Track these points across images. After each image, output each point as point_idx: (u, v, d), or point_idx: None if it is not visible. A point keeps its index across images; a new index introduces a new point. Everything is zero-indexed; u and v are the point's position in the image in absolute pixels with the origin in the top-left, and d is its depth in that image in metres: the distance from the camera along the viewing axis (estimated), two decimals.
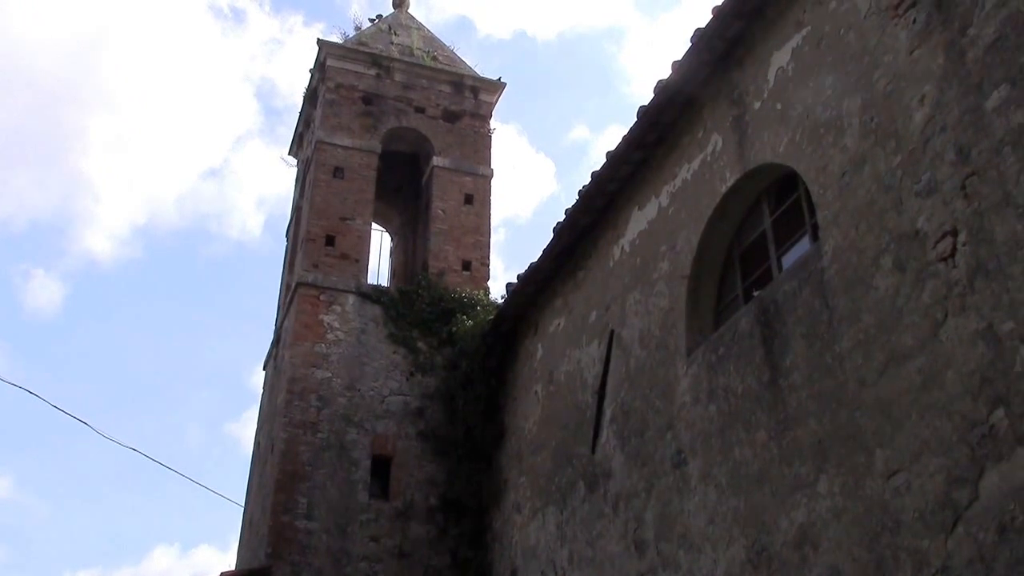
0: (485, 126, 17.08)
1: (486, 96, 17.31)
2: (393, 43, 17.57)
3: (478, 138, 16.89)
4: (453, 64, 17.67)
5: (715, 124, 9.33)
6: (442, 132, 16.68)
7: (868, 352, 6.77)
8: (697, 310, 9.31)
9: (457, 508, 13.44)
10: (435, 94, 17.00)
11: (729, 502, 8.01)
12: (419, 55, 17.44)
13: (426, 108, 16.80)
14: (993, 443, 5.61)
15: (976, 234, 6.03)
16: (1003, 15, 6.08)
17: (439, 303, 14.80)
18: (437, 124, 16.74)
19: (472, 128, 16.95)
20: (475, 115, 17.08)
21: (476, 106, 17.17)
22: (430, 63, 17.32)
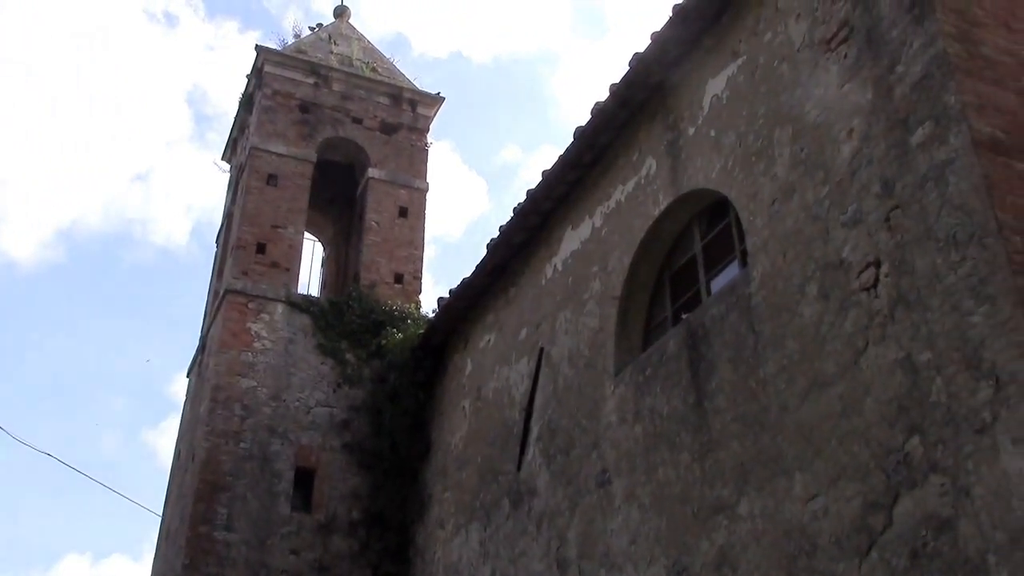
0: (422, 140, 17.07)
1: (424, 110, 17.31)
2: (332, 52, 17.49)
3: (415, 151, 16.86)
4: (392, 76, 17.64)
5: (650, 148, 9.45)
6: (379, 144, 16.63)
7: (791, 377, 6.89)
8: (626, 331, 9.40)
9: (380, 522, 13.34)
10: (373, 105, 16.95)
11: (652, 522, 8.07)
12: (358, 66, 17.38)
13: (363, 119, 16.73)
14: (908, 470, 5.75)
15: (898, 266, 6.19)
16: (930, 54, 6.28)
17: (369, 315, 14.71)
18: (374, 136, 16.68)
19: (409, 141, 16.92)
20: (412, 128, 17.07)
21: (414, 119, 17.16)
22: (369, 74, 17.27)
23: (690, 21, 8.74)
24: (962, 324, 5.60)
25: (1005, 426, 5.19)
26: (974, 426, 5.37)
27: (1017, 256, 5.46)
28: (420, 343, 13.67)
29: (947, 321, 5.71)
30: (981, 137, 5.87)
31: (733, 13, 8.53)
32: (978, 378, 5.42)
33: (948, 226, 5.84)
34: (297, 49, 17.11)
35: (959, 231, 5.76)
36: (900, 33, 6.56)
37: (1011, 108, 6.16)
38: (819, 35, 7.40)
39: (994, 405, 5.28)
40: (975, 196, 5.71)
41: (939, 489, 5.51)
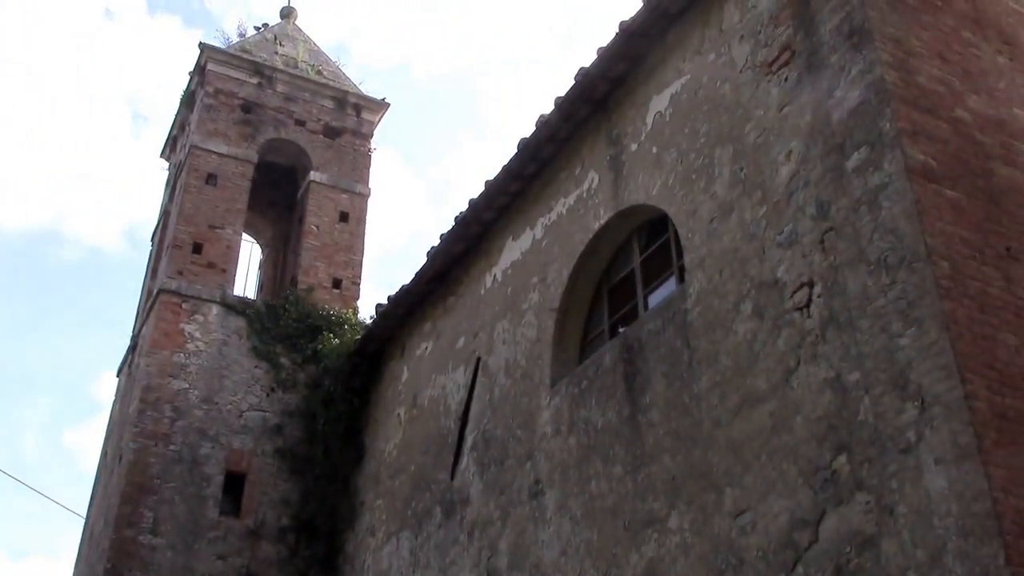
0: (366, 145, 16.99)
1: (369, 115, 17.24)
2: (278, 53, 17.34)
3: (358, 156, 16.78)
4: (338, 80, 17.55)
5: (593, 162, 9.52)
6: (321, 147, 16.51)
7: (724, 394, 6.98)
8: (563, 343, 9.44)
9: (310, 529, 13.20)
10: (317, 108, 16.83)
11: (583, 534, 8.11)
12: (304, 68, 17.26)
13: (307, 121, 16.61)
14: (835, 487, 5.86)
15: (831, 287, 6.31)
16: (867, 81, 6.42)
17: (306, 319, 14.58)
18: (317, 139, 16.56)
19: (352, 146, 16.83)
20: (356, 133, 16.98)
21: (358, 124, 17.08)
22: (314, 77, 17.15)
23: (635, 38, 8.83)
24: (890, 346, 5.73)
25: (929, 446, 5.31)
26: (899, 445, 5.49)
27: (944, 281, 5.60)
28: (357, 349, 13.59)
29: (876, 342, 5.83)
30: (914, 164, 6.02)
31: (678, 32, 8.64)
32: (904, 399, 5.54)
33: (880, 249, 5.97)
34: (242, 48, 16.94)
35: (890, 255, 5.89)
36: (839, 59, 6.70)
37: (943, 137, 6.33)
38: (761, 57, 7.52)
39: (919, 426, 5.41)
40: (906, 221, 5.85)
41: (864, 507, 5.62)
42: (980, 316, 5.61)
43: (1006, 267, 5.98)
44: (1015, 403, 5.38)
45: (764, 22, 7.60)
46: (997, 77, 7.09)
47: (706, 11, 8.34)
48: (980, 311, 5.64)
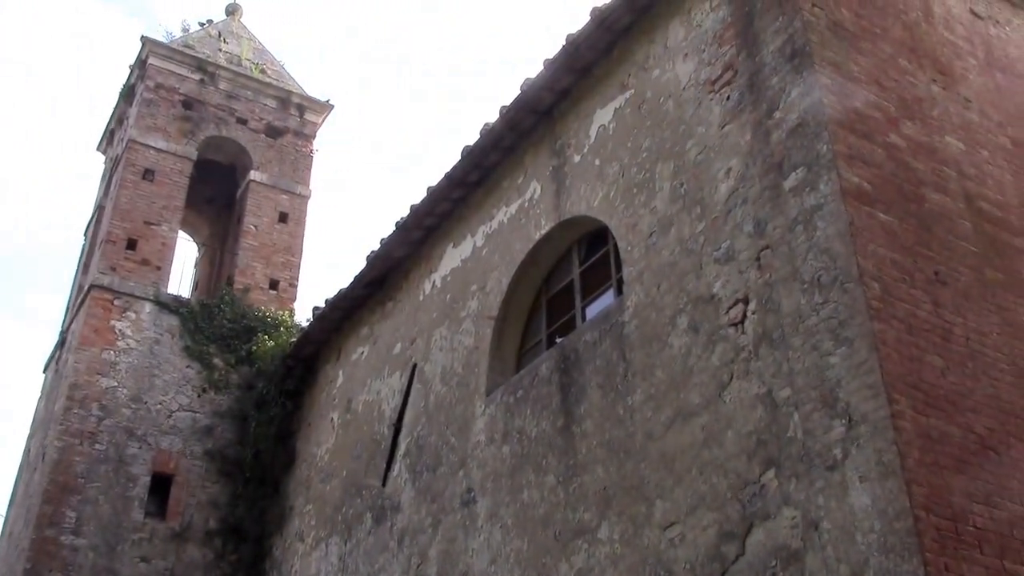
0: (308, 146, 16.86)
1: (312, 116, 17.11)
2: (221, 50, 17.14)
3: (299, 157, 16.64)
4: (282, 80, 17.39)
5: (536, 172, 9.56)
6: (263, 147, 16.35)
7: (658, 406, 7.04)
8: (500, 351, 9.45)
9: (237, 533, 13.02)
10: (260, 107, 16.67)
11: (513, 543, 8.11)
12: (247, 66, 17.08)
13: (249, 120, 16.44)
14: (762, 502, 5.94)
15: (765, 304, 6.40)
16: (806, 103, 6.54)
17: (241, 320, 14.41)
18: (258, 138, 16.40)
19: (294, 146, 16.69)
20: (299, 133, 16.85)
21: (301, 124, 16.95)
22: (258, 75, 16.98)
23: (582, 51, 8.89)
24: (821, 364, 5.83)
25: (854, 464, 5.41)
26: (826, 462, 5.59)
27: (875, 302, 5.72)
28: (292, 352, 13.45)
29: (807, 360, 5.93)
30: (849, 186, 6.14)
31: (624, 47, 8.72)
32: (832, 416, 5.64)
33: (814, 269, 6.08)
34: (184, 44, 16.70)
35: (823, 274, 6.00)
36: (780, 81, 6.82)
37: (878, 161, 6.47)
38: (705, 76, 7.62)
39: (845, 443, 5.50)
40: (840, 242, 5.96)
41: (790, 522, 5.71)
42: (908, 337, 5.74)
43: (934, 291, 6.13)
44: (939, 423, 5.50)
45: (708, 41, 7.71)
46: (931, 105, 7.27)
47: (652, 28, 8.44)
48: (908, 333, 5.76)
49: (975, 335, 6.14)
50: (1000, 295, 6.55)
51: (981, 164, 7.31)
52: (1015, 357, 6.28)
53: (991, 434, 5.73)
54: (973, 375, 5.92)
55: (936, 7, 8.11)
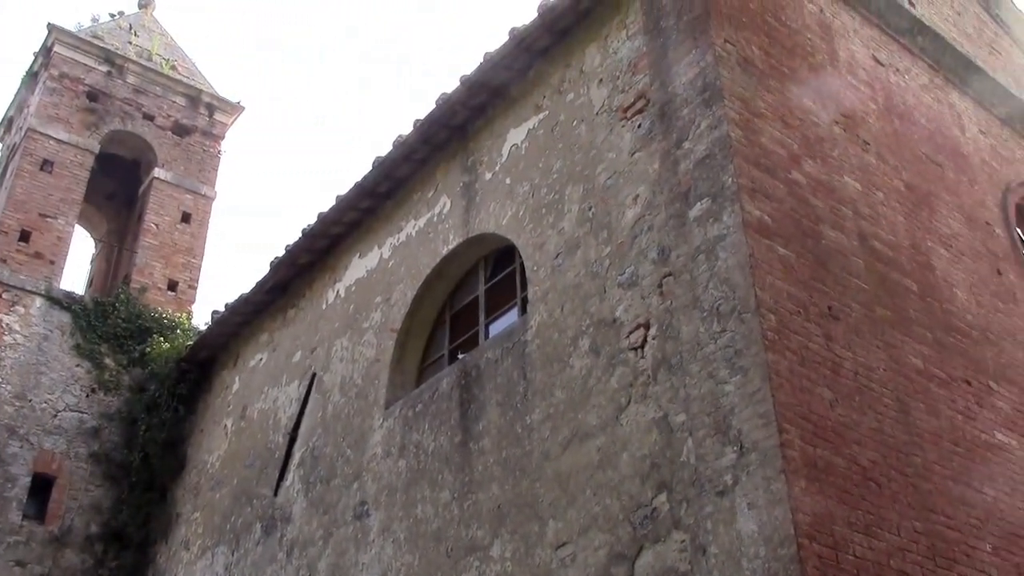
0: (216, 146, 16.56)
1: (222, 116, 16.82)
2: (131, 43, 16.74)
3: (206, 157, 16.32)
4: (192, 77, 17.05)
5: (446, 187, 9.56)
6: (169, 144, 15.99)
7: (556, 426, 7.09)
8: (402, 365, 9.40)
9: (120, 539, 12.62)
10: (168, 104, 16.31)
11: (404, 558, 8.05)
12: (157, 61, 16.71)
13: (156, 116, 16.07)
14: (653, 525, 6.02)
15: (665, 330, 6.51)
16: (714, 136, 6.70)
17: (136, 320, 14.02)
18: (165, 135, 16.03)
19: (202, 146, 16.37)
20: (207, 133, 16.53)
21: (210, 124, 16.63)
22: (168, 71, 16.62)
23: (499, 70, 8.95)
24: (716, 391, 5.95)
25: (744, 490, 5.53)
26: (716, 488, 5.70)
27: (770, 333, 5.87)
28: (187, 355, 13.14)
29: (703, 387, 6.05)
30: (751, 219, 6.30)
31: (540, 69, 8.81)
32: (725, 443, 5.76)
33: (713, 298, 6.21)
34: (93, 34, 16.26)
35: (723, 304, 6.13)
36: (690, 112, 6.97)
37: (780, 196, 6.66)
38: (618, 102, 7.75)
39: (736, 470, 5.63)
40: (740, 273, 6.11)
41: (679, 545, 5.80)
42: (800, 369, 5.90)
43: (827, 325, 6.32)
44: (825, 454, 5.67)
45: (623, 69, 7.84)
46: (832, 145, 7.52)
47: (569, 52, 8.54)
48: (800, 364, 5.93)
49: (863, 370, 6.35)
50: (888, 332, 6.80)
51: (876, 205, 7.58)
52: (899, 393, 6.51)
53: (874, 466, 5.92)
54: (859, 408, 6.11)
55: (842, 52, 8.40)
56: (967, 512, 6.37)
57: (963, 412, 6.98)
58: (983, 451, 6.91)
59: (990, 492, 6.69)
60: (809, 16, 8.28)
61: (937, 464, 6.41)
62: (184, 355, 13.19)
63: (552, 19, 8.46)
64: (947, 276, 7.85)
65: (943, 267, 7.87)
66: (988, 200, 9.10)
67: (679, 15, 7.43)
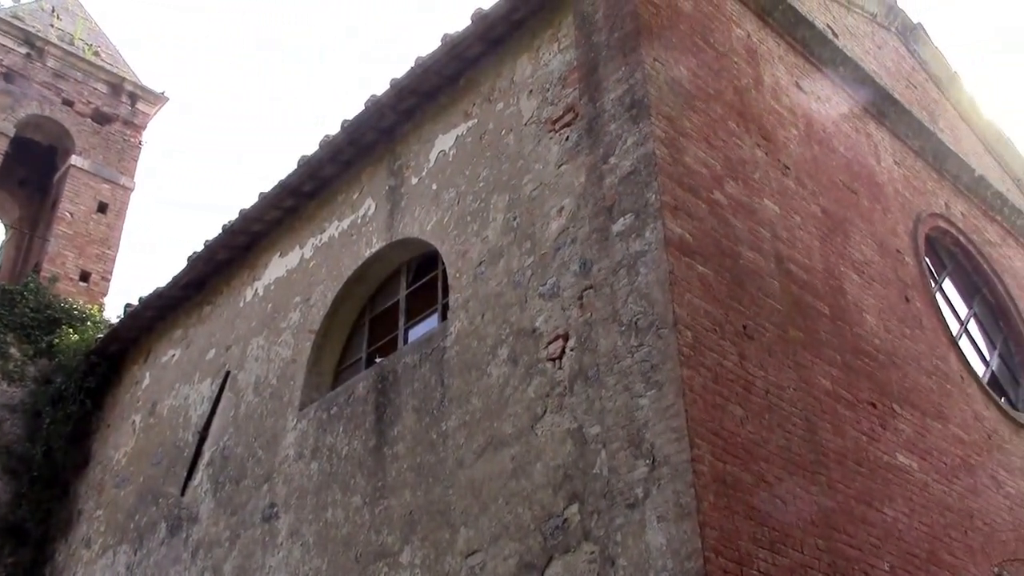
0: (137, 136, 16.21)
1: (145, 106, 16.47)
2: (54, 26, 16.30)
3: (126, 147, 15.97)
4: (116, 65, 16.67)
5: (372, 189, 9.51)
6: (88, 132, 15.60)
7: (471, 434, 7.09)
8: (318, 367, 9.30)
9: (17, 534, 12.22)
10: (89, 91, 15.92)
11: (312, 562, 7.96)
12: (80, 46, 16.30)
13: (75, 103, 15.67)
14: (564, 535, 6.06)
15: (583, 342, 6.57)
16: (640, 152, 6.78)
17: (45, 310, 13.62)
18: (84, 122, 15.64)
19: (122, 135, 16.01)
20: (128, 123, 16.17)
21: (132, 114, 16.27)
22: (90, 57, 16.22)
23: (430, 75, 8.94)
24: (631, 405, 6.02)
25: (654, 504, 5.61)
26: (627, 500, 5.76)
27: (686, 349, 5.96)
28: (97, 348, 12.81)
29: (618, 400, 6.11)
30: (673, 236, 6.39)
31: (471, 76, 8.83)
32: (637, 456, 5.83)
33: (632, 312, 6.29)
34: (13, 14, 15.79)
35: (641, 319, 6.21)
36: (617, 128, 7.05)
37: (701, 215, 6.77)
38: (547, 114, 7.80)
39: (647, 483, 5.69)
40: (659, 289, 6.19)
41: (588, 556, 5.84)
42: (713, 386, 6.01)
43: (741, 344, 6.44)
44: (734, 470, 5.77)
45: (554, 81, 7.90)
46: (753, 167, 7.68)
47: (500, 61, 8.57)
48: (714, 381, 6.03)
49: (774, 389, 6.49)
50: (800, 353, 6.96)
51: (793, 228, 7.76)
52: (808, 413, 6.67)
53: (780, 483, 6.05)
54: (769, 426, 6.24)
55: (766, 76, 8.59)
56: (867, 531, 6.55)
57: (867, 433, 7.18)
58: (885, 472, 7.11)
59: (890, 512, 6.89)
60: (737, 40, 8.45)
61: (841, 483, 6.58)
62: (94, 348, 12.86)
63: (485, 28, 8.49)
64: (858, 301, 8.07)
65: (854, 292, 8.09)
66: (900, 229, 9.39)
67: (611, 31, 7.52)
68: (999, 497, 8.30)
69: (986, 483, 8.26)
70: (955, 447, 8.15)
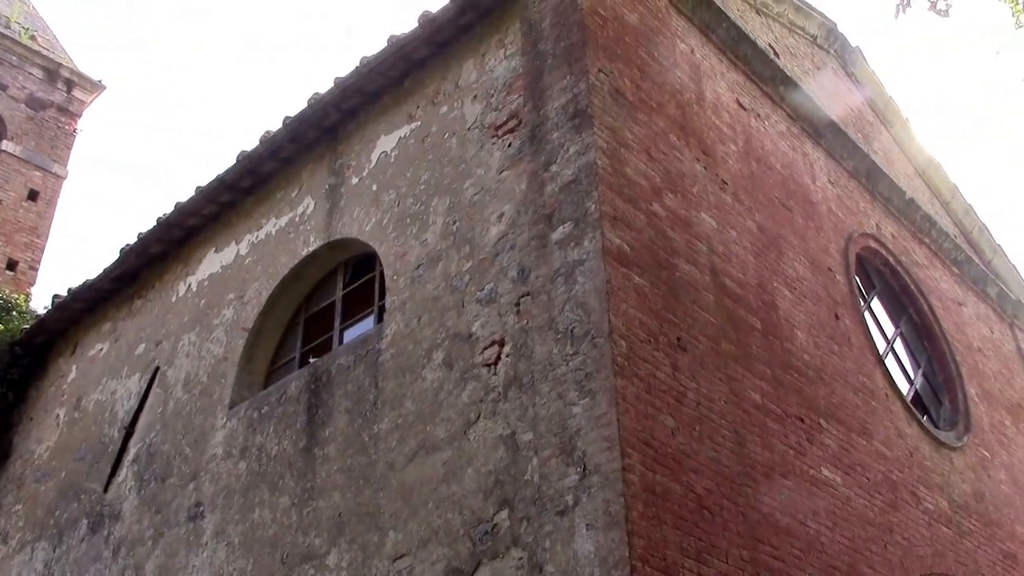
0: (72, 124, 15.90)
1: (81, 94, 16.17)
2: None
3: (60, 134, 15.65)
4: (53, 50, 16.33)
5: (311, 188, 9.43)
6: (21, 117, 15.26)
7: (403, 437, 7.06)
8: (251, 365, 9.19)
9: None
10: (24, 75, 15.58)
11: (237, 563, 7.86)
12: (16, 29, 15.93)
13: (9, 87, 15.33)
14: (493, 541, 6.06)
15: (519, 348, 6.58)
16: (581, 162, 6.83)
17: None
18: (17, 107, 15.30)
19: (57, 122, 15.69)
20: (64, 110, 15.86)
21: (67, 101, 15.96)
22: (26, 41, 15.88)
23: (375, 75, 8.90)
24: (564, 412, 6.05)
25: (583, 511, 5.64)
26: (557, 507, 5.79)
27: (620, 359, 6.01)
28: (22, 339, 12.49)
29: (552, 407, 6.14)
30: (611, 246, 6.44)
31: (416, 78, 8.81)
32: (569, 464, 5.85)
33: (568, 321, 6.32)
34: None
35: (577, 327, 6.25)
36: (560, 137, 7.09)
37: (640, 226, 6.84)
38: (490, 120, 7.81)
39: (577, 491, 5.73)
40: (596, 298, 6.24)
41: (516, 562, 5.86)
42: (646, 396, 6.06)
43: (674, 355, 6.51)
44: (664, 480, 5.83)
45: (498, 88, 7.92)
46: (692, 181, 7.77)
47: (446, 65, 8.57)
48: (647, 392, 6.09)
49: (705, 401, 6.57)
50: (731, 366, 7.05)
51: (729, 243, 7.88)
52: (737, 425, 6.76)
53: (708, 495, 6.13)
54: (699, 438, 6.32)
55: (708, 92, 8.71)
56: (791, 543, 6.66)
57: (794, 447, 7.30)
58: (809, 485, 7.24)
59: (813, 525, 7.01)
60: (680, 55, 8.55)
61: (767, 496, 6.69)
62: (19, 338, 12.54)
63: (432, 30, 8.48)
64: (789, 316, 8.21)
65: (786, 308, 8.23)
66: (832, 247, 9.58)
67: (557, 40, 7.56)
68: (918, 512, 8.50)
69: (906, 499, 8.46)
70: (878, 463, 8.33)
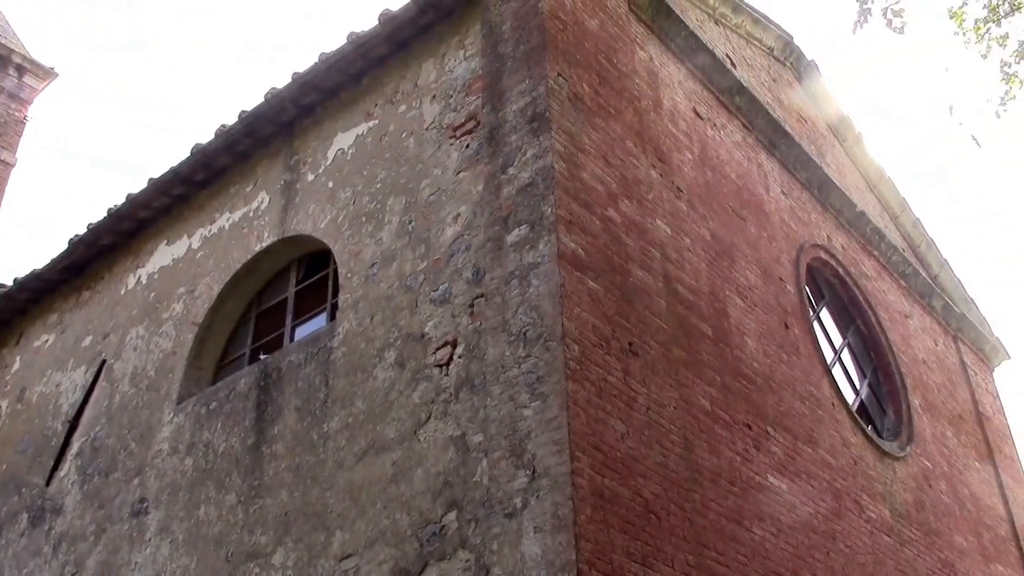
0: (22, 111, 15.62)
1: (32, 80, 15.89)
2: None
3: (10, 121, 15.38)
4: (4, 36, 16.04)
5: (266, 183, 9.36)
6: None
7: (353, 436, 7.03)
8: (199, 360, 9.09)
9: None
10: None
11: (181, 560, 7.77)
12: None
13: None
14: (440, 542, 6.06)
15: (472, 350, 6.59)
16: (538, 165, 6.85)
17: None
18: None
19: (6, 109, 15.40)
20: (14, 96, 15.58)
21: (18, 87, 15.68)
22: None
23: (333, 72, 8.85)
24: (515, 415, 6.06)
25: (531, 514, 5.65)
26: (506, 510, 5.80)
27: (572, 363, 6.04)
28: None
29: (503, 409, 6.14)
30: (566, 250, 6.47)
31: (375, 76, 8.77)
32: (518, 467, 5.87)
33: (522, 323, 6.33)
34: None
35: (530, 330, 6.26)
36: (518, 139, 7.11)
37: (595, 231, 6.87)
38: (448, 120, 7.81)
39: (526, 493, 5.74)
40: (550, 302, 6.26)
41: (463, 564, 5.86)
42: (597, 400, 6.09)
43: (626, 360, 6.55)
44: (612, 484, 5.86)
45: (457, 88, 7.91)
46: (647, 188, 7.83)
47: (405, 64, 8.55)
48: (598, 396, 6.12)
49: (655, 406, 6.62)
50: (682, 373, 7.11)
51: (683, 250, 7.94)
52: (686, 431, 6.82)
53: (656, 499, 6.17)
54: (648, 443, 6.36)
55: (665, 100, 8.78)
56: (736, 549, 6.73)
57: (741, 454, 7.38)
58: (755, 492, 7.33)
59: (758, 531, 7.09)
60: (639, 62, 8.61)
61: (714, 502, 6.75)
62: None
63: (392, 29, 8.45)
64: (740, 324, 8.30)
65: (737, 316, 8.32)
66: (783, 257, 9.70)
67: (517, 43, 7.57)
68: (861, 521, 8.63)
69: (849, 507, 8.58)
70: (823, 471, 8.45)
